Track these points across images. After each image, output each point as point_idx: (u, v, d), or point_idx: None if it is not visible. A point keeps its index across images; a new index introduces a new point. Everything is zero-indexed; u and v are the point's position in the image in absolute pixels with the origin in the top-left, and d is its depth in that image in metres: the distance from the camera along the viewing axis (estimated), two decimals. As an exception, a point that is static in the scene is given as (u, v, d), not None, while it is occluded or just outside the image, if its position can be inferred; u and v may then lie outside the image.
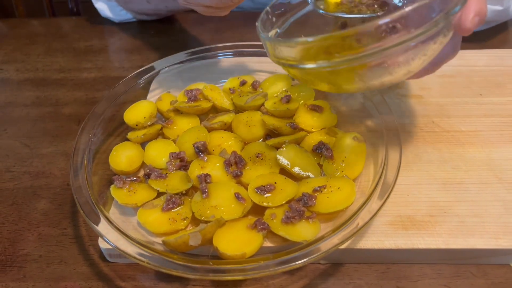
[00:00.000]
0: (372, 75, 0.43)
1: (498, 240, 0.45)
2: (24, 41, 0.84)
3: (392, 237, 0.46)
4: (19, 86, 0.74)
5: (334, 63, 0.40)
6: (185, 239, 0.43)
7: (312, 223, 0.45)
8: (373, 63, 0.41)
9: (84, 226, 0.52)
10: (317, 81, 0.46)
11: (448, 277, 0.45)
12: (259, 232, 0.45)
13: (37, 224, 0.52)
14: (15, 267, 0.48)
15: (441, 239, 0.45)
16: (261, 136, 0.57)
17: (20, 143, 0.63)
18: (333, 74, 0.44)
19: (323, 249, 0.41)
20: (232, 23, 0.85)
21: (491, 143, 0.55)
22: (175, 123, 0.58)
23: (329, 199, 0.47)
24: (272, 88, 0.63)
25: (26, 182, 0.57)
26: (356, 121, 0.58)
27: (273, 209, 0.47)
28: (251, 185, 0.49)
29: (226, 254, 0.43)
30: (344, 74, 0.43)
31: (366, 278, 0.45)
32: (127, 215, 0.49)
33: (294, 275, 0.46)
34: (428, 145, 0.56)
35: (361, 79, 0.43)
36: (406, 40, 0.38)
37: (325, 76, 0.45)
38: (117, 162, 0.54)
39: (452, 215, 0.48)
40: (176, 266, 0.41)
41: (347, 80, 0.44)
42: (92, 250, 0.49)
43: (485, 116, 0.59)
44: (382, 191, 0.45)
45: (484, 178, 0.51)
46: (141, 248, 0.42)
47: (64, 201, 0.55)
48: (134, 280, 0.46)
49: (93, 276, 0.47)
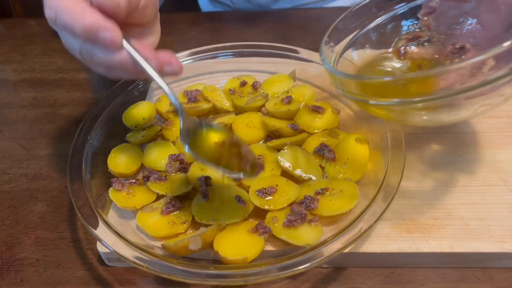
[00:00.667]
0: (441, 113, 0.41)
1: (503, 244, 0.44)
2: (21, 41, 0.83)
3: (395, 240, 0.45)
4: (16, 87, 0.73)
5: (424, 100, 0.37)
6: (185, 243, 0.42)
7: (314, 226, 0.45)
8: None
9: (82, 230, 0.51)
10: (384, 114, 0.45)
11: (453, 281, 0.44)
12: (260, 236, 0.44)
13: (34, 227, 0.52)
14: (12, 271, 0.47)
15: (445, 242, 0.45)
16: (262, 138, 0.56)
17: (17, 144, 0.62)
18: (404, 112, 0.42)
19: (326, 254, 0.40)
20: (232, 24, 0.84)
21: (496, 145, 0.55)
22: (175, 124, 0.58)
23: (332, 202, 0.46)
24: (273, 89, 0.62)
25: (23, 185, 0.56)
26: (359, 122, 0.57)
27: (274, 212, 0.46)
28: (252, 187, 0.48)
29: (227, 258, 0.42)
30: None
31: (369, 282, 0.45)
32: (126, 219, 0.48)
33: (296, 279, 0.45)
34: (431, 147, 0.55)
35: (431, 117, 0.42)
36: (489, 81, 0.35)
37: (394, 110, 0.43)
38: (116, 164, 0.53)
39: (456, 218, 0.47)
40: (176, 270, 0.40)
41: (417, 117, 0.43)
42: (90, 254, 0.48)
43: (489, 117, 0.58)
44: (386, 194, 0.44)
45: (488, 180, 0.51)
46: (140, 252, 0.42)
47: (61, 204, 0.54)
48: (133, 285, 0.46)
49: (91, 281, 0.46)
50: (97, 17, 0.39)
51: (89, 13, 0.39)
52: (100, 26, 0.39)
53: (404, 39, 0.51)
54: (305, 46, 0.64)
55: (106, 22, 0.39)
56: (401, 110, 0.42)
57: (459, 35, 0.47)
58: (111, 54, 0.41)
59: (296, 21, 0.83)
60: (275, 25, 0.82)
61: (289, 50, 0.64)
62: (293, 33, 0.80)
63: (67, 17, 0.39)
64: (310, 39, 0.78)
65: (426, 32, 0.50)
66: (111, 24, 0.39)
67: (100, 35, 0.39)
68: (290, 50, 0.63)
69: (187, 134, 0.44)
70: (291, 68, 0.64)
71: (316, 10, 0.85)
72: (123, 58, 0.41)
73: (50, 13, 0.40)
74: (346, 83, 0.43)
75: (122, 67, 0.42)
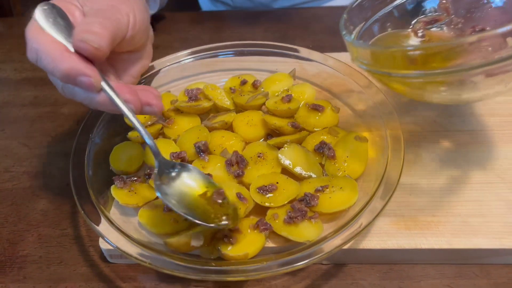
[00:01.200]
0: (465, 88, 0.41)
1: (501, 240, 0.45)
2: (22, 41, 0.82)
3: (395, 237, 0.46)
4: (16, 86, 0.73)
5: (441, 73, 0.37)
6: (187, 240, 0.43)
7: (314, 223, 0.45)
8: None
9: (84, 227, 0.51)
10: (402, 88, 0.44)
11: (451, 277, 0.45)
12: (261, 233, 0.45)
13: (37, 224, 0.52)
14: (15, 268, 0.48)
15: (444, 239, 0.45)
16: (262, 136, 0.56)
17: (18, 143, 0.63)
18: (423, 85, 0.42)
19: (326, 250, 0.41)
20: (232, 22, 0.85)
21: (494, 143, 0.55)
22: (176, 122, 0.58)
23: (332, 199, 0.47)
24: (273, 87, 0.62)
25: (25, 183, 0.57)
26: (358, 120, 0.57)
27: (275, 209, 0.47)
28: (253, 185, 0.49)
29: (228, 254, 0.43)
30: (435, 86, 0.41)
31: (368, 279, 0.45)
32: (128, 216, 0.49)
33: (296, 275, 0.46)
34: (430, 145, 0.55)
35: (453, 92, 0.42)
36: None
37: (414, 85, 0.43)
38: (118, 162, 0.53)
39: (455, 215, 0.47)
40: (178, 267, 0.41)
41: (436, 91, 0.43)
42: (92, 251, 0.49)
43: (487, 115, 0.59)
44: (385, 191, 0.45)
45: (486, 177, 0.51)
46: (142, 248, 0.42)
47: (63, 202, 0.54)
48: (135, 281, 0.46)
49: (94, 277, 0.47)
50: (75, 62, 0.39)
51: (67, 58, 0.39)
52: (78, 71, 0.39)
53: (422, 22, 0.50)
54: (305, 45, 0.64)
55: (85, 67, 0.40)
56: (422, 85, 0.41)
57: (478, 18, 0.46)
58: (90, 95, 0.42)
59: (296, 20, 0.83)
60: (276, 24, 0.82)
61: (289, 49, 0.64)
62: (293, 32, 0.80)
63: (47, 61, 0.40)
64: (310, 38, 0.79)
65: (444, 16, 0.49)
66: (89, 69, 0.40)
67: (78, 80, 0.40)
68: (290, 49, 0.64)
69: (160, 178, 0.44)
70: (291, 67, 0.64)
71: (316, 9, 0.85)
72: (102, 99, 0.42)
73: (31, 55, 0.41)
74: (366, 55, 0.42)
75: (102, 106, 0.43)
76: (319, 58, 0.62)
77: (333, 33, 0.79)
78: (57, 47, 0.40)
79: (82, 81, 0.40)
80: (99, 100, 0.42)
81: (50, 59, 0.39)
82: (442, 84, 0.40)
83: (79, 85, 0.41)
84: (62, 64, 0.39)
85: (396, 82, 0.42)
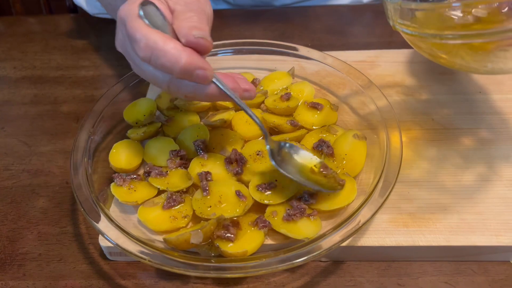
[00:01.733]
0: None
1: (498, 237, 0.45)
2: (21, 39, 0.84)
3: (393, 234, 0.46)
4: (16, 84, 0.73)
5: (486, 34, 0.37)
6: (187, 237, 0.43)
7: (313, 220, 0.45)
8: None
9: (84, 224, 0.51)
10: (440, 53, 0.44)
11: (449, 274, 0.45)
12: (260, 230, 0.45)
13: (37, 222, 0.52)
14: (15, 265, 0.48)
15: (442, 236, 0.45)
16: (261, 134, 0.56)
17: (18, 141, 0.63)
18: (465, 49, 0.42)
19: (325, 247, 0.41)
20: (231, 21, 0.85)
21: (491, 141, 0.56)
22: (175, 120, 0.58)
23: (330, 197, 0.47)
24: (272, 86, 0.62)
25: (25, 181, 0.57)
26: (357, 118, 0.58)
27: (274, 206, 0.47)
28: (252, 182, 0.49)
29: (228, 252, 0.43)
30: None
31: (367, 275, 0.45)
32: (128, 213, 0.49)
33: (295, 272, 0.46)
34: (428, 143, 0.56)
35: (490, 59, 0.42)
36: None
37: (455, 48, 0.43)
38: (117, 160, 0.53)
39: (452, 212, 0.48)
40: (178, 263, 0.41)
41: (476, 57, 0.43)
42: (92, 248, 0.49)
43: (485, 113, 0.59)
44: (383, 188, 0.45)
45: (484, 175, 0.52)
46: (142, 246, 0.42)
47: (63, 199, 0.54)
48: (135, 278, 0.46)
49: (93, 275, 0.47)
50: (192, 57, 0.41)
51: (184, 54, 0.41)
52: (196, 65, 0.41)
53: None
54: (304, 44, 0.64)
55: (200, 61, 0.42)
56: (456, 50, 0.42)
57: None
58: (201, 87, 0.43)
59: (295, 19, 0.83)
60: (275, 23, 0.83)
61: (288, 47, 0.64)
62: (292, 31, 0.80)
63: (165, 60, 0.41)
64: (309, 37, 0.79)
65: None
66: (203, 62, 0.42)
67: (194, 74, 0.42)
68: (289, 47, 0.64)
69: (273, 154, 0.48)
70: (290, 65, 0.64)
71: (315, 8, 0.85)
72: (212, 90, 0.44)
73: (145, 53, 0.41)
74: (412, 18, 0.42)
75: (209, 98, 0.45)
76: (318, 57, 0.62)
77: (332, 31, 0.79)
78: (172, 44, 0.41)
79: (198, 75, 0.42)
80: (209, 91, 0.43)
81: (169, 56, 0.40)
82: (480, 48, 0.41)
83: (194, 79, 0.42)
84: (180, 60, 0.40)
85: (434, 44, 0.42)
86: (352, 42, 0.76)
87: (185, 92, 0.44)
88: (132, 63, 0.46)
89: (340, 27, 0.80)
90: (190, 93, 0.44)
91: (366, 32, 0.78)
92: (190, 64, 0.41)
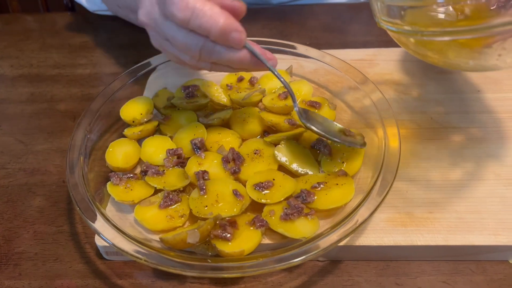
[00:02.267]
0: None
1: (497, 237, 0.45)
2: (18, 37, 0.83)
3: (391, 233, 0.46)
4: (13, 83, 0.73)
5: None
6: (183, 237, 0.43)
7: (311, 220, 0.45)
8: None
9: (80, 224, 0.51)
10: (429, 52, 0.44)
11: (447, 273, 0.45)
12: (257, 229, 0.45)
13: (33, 221, 0.52)
14: (11, 265, 0.48)
15: (440, 235, 0.45)
16: (259, 133, 0.56)
17: (15, 139, 0.62)
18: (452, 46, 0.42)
19: (322, 246, 0.41)
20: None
21: (489, 140, 0.55)
22: (172, 119, 0.58)
23: (328, 196, 0.47)
24: (270, 84, 0.62)
25: (21, 179, 0.57)
26: (355, 117, 0.57)
27: (271, 206, 0.47)
28: (249, 182, 0.49)
29: (224, 251, 0.43)
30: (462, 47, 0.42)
31: (365, 275, 0.45)
32: (124, 212, 0.49)
33: (292, 272, 0.46)
34: (426, 142, 0.55)
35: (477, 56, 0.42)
36: None
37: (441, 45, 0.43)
38: (114, 159, 0.53)
39: (450, 211, 0.48)
40: (174, 263, 0.41)
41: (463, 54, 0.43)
42: (88, 248, 0.49)
43: (483, 112, 0.59)
44: (381, 187, 0.45)
45: (482, 174, 0.51)
46: (138, 245, 0.42)
47: (59, 198, 0.54)
48: (131, 278, 0.46)
49: (90, 274, 0.47)
50: (229, 19, 0.42)
51: (222, 15, 0.42)
52: (232, 27, 0.42)
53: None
54: (302, 42, 0.64)
55: (237, 24, 0.43)
56: (442, 47, 0.42)
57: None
58: (233, 52, 0.44)
59: (293, 17, 0.83)
60: (272, 21, 0.82)
61: (286, 45, 0.64)
62: (290, 29, 0.80)
63: (204, 20, 0.42)
64: (307, 35, 0.78)
65: None
66: (240, 26, 0.43)
67: (231, 36, 0.43)
68: (287, 45, 0.64)
69: (303, 113, 0.50)
70: (288, 63, 0.64)
71: (313, 6, 0.85)
72: (243, 55, 0.45)
73: (185, 14, 0.42)
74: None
75: (239, 64, 0.46)
76: (316, 55, 0.62)
77: (330, 29, 0.79)
78: (210, 5, 0.42)
79: (234, 37, 0.43)
80: (241, 55, 0.45)
81: (208, 17, 0.41)
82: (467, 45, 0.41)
83: (230, 41, 0.43)
84: (218, 21, 0.41)
85: (421, 41, 0.43)
86: (350, 41, 0.76)
87: (217, 57, 0.45)
88: (159, 33, 0.47)
89: (338, 25, 0.80)
90: (221, 58, 0.45)
91: (364, 30, 0.78)
92: (228, 25, 0.42)
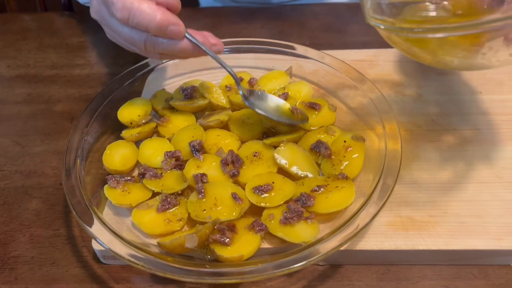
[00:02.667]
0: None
1: (499, 241, 0.44)
2: (16, 37, 0.82)
3: (392, 238, 0.45)
4: (10, 83, 0.72)
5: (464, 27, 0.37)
6: (181, 241, 0.42)
7: (311, 224, 0.45)
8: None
9: (77, 227, 0.51)
10: (420, 51, 0.44)
11: (449, 278, 0.44)
12: (257, 233, 0.44)
13: (29, 224, 0.51)
14: (6, 269, 0.47)
15: (441, 240, 0.45)
16: (258, 135, 0.56)
17: (11, 141, 0.62)
18: (443, 44, 0.42)
19: (323, 252, 0.40)
20: (229, 19, 0.84)
21: (491, 142, 0.55)
22: (170, 121, 0.57)
23: (328, 199, 0.46)
24: (269, 85, 0.61)
25: (18, 182, 0.56)
26: (355, 119, 0.57)
27: (271, 209, 0.46)
28: (249, 185, 0.48)
29: (223, 256, 0.42)
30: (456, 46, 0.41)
31: (365, 280, 0.45)
32: (121, 216, 0.48)
33: (292, 276, 0.45)
34: (427, 144, 0.55)
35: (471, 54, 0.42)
36: None
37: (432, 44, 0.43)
38: (111, 161, 0.52)
39: (452, 215, 0.47)
40: (172, 269, 0.40)
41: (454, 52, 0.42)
42: (85, 252, 0.48)
43: (485, 114, 0.58)
44: (382, 191, 0.44)
45: (483, 177, 0.51)
46: (135, 250, 0.41)
47: (56, 201, 0.53)
48: (129, 282, 0.45)
49: (87, 278, 0.46)
50: (165, 14, 0.46)
51: (159, 11, 0.46)
52: (169, 21, 0.46)
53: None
54: (302, 43, 0.64)
55: (174, 18, 0.46)
56: (431, 45, 0.42)
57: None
58: (174, 43, 0.48)
59: (293, 17, 0.82)
60: (272, 21, 0.82)
61: (285, 46, 0.63)
62: (290, 30, 0.79)
63: (141, 18, 0.45)
64: (306, 36, 0.78)
65: None
66: (176, 19, 0.47)
67: (168, 29, 0.46)
68: (287, 46, 0.63)
69: (246, 97, 0.54)
70: (288, 64, 0.63)
71: (313, 6, 0.84)
72: (184, 45, 0.48)
73: (123, 14, 0.46)
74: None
75: (182, 53, 0.49)
76: (316, 56, 0.61)
77: (330, 30, 0.78)
78: (147, 4, 0.45)
79: (172, 30, 0.46)
80: (183, 46, 0.48)
81: (144, 15, 0.45)
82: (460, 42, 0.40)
83: (168, 34, 0.47)
84: (155, 18, 0.45)
85: (413, 38, 0.43)
86: (350, 41, 0.76)
87: (160, 48, 0.48)
88: (108, 28, 0.50)
89: (338, 26, 0.79)
90: (165, 49, 0.48)
91: (364, 31, 0.77)
92: (164, 20, 0.45)
